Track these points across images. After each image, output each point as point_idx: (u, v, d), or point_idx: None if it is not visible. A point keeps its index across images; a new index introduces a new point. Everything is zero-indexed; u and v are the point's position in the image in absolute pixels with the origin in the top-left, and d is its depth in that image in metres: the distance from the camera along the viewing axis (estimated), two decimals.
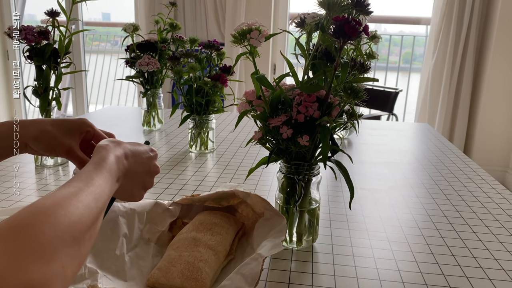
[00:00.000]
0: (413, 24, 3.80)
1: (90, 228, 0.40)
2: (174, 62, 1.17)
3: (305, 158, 0.66)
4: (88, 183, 0.44)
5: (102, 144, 0.56)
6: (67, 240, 0.35)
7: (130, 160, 0.57)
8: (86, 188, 0.43)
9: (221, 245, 0.63)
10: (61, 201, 0.38)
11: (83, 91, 3.89)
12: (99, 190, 0.45)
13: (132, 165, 0.57)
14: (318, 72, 0.61)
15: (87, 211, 0.40)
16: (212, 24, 3.28)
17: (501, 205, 0.91)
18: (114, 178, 0.52)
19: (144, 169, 0.60)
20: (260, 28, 0.62)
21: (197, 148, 1.23)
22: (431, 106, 3.15)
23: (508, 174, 3.06)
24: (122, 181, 0.55)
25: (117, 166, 0.53)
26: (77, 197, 0.40)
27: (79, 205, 0.39)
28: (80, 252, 0.37)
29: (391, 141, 1.45)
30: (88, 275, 0.55)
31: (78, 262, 0.37)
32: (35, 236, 0.32)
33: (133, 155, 0.58)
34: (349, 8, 0.57)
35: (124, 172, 0.55)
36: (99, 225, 0.44)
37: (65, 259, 0.34)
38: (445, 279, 0.63)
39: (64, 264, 0.34)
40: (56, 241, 0.34)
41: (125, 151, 0.57)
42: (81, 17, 3.68)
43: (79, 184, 0.43)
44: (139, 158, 0.59)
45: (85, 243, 0.39)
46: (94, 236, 0.42)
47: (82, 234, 0.38)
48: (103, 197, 0.45)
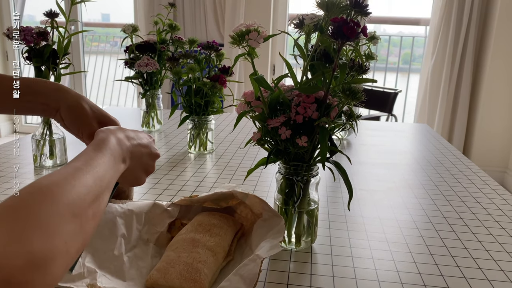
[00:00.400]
0: (412, 25, 3.80)
1: (91, 206, 0.40)
2: (173, 63, 1.17)
3: (303, 159, 0.66)
4: (86, 163, 0.44)
5: (102, 128, 0.56)
6: (66, 217, 0.36)
7: (132, 141, 0.57)
8: (84, 167, 0.43)
9: (220, 246, 0.63)
10: (58, 180, 0.38)
11: (82, 92, 3.89)
12: (99, 169, 0.45)
13: (135, 146, 0.57)
14: (317, 73, 0.61)
15: (85, 189, 0.40)
16: (212, 25, 3.29)
17: (500, 206, 0.91)
18: (118, 158, 0.52)
19: (146, 151, 0.60)
20: (258, 29, 0.62)
21: (196, 149, 1.23)
22: (430, 107, 3.15)
23: (507, 174, 3.06)
24: (129, 163, 0.55)
25: (120, 147, 0.53)
26: (74, 176, 0.40)
27: (77, 184, 0.39)
28: (82, 229, 0.38)
29: (390, 142, 1.45)
30: (87, 274, 0.55)
31: (81, 239, 0.37)
32: (34, 213, 0.33)
33: (135, 137, 0.58)
34: (348, 9, 0.57)
35: (128, 153, 0.55)
36: (104, 205, 0.44)
37: (67, 235, 0.35)
38: (443, 279, 0.63)
39: (66, 240, 0.34)
40: (55, 218, 0.34)
41: (126, 134, 0.58)
42: (80, 18, 3.68)
43: (76, 164, 0.43)
44: (140, 140, 0.59)
45: (88, 221, 0.39)
46: (99, 216, 0.42)
47: (82, 210, 0.38)
48: (104, 176, 0.45)
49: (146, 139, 0.61)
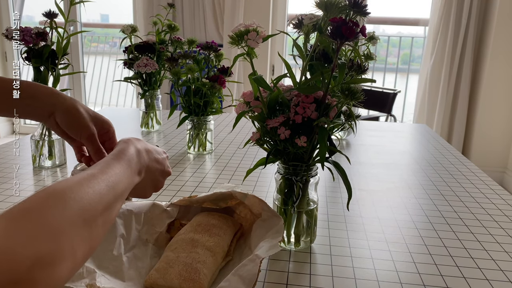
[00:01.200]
0: (411, 25, 3.80)
1: (102, 214, 0.41)
2: (172, 63, 1.17)
3: (303, 159, 0.66)
4: (103, 171, 0.45)
5: (124, 139, 0.57)
6: (76, 222, 0.36)
7: (150, 156, 0.58)
8: (100, 175, 0.44)
9: (219, 246, 0.63)
10: (72, 186, 0.39)
11: (81, 92, 3.89)
12: (114, 178, 0.45)
13: (152, 161, 0.58)
14: (316, 73, 0.61)
15: (98, 197, 0.41)
16: (211, 25, 3.28)
17: (499, 206, 0.92)
18: (134, 169, 0.53)
19: (160, 168, 0.61)
20: (257, 29, 0.62)
21: (195, 149, 1.23)
22: (429, 107, 3.15)
23: (506, 175, 3.06)
24: (144, 176, 0.55)
25: (138, 159, 0.54)
26: (88, 183, 0.41)
27: (90, 191, 0.40)
28: (91, 235, 0.38)
29: (389, 142, 1.45)
30: (86, 274, 0.55)
31: (89, 245, 0.38)
32: (45, 217, 0.34)
33: (153, 152, 0.59)
34: (347, 9, 0.57)
35: (145, 167, 0.56)
36: (115, 214, 0.45)
37: (75, 240, 0.36)
38: (443, 280, 0.63)
39: (74, 245, 0.35)
40: (65, 223, 0.35)
41: (146, 147, 0.58)
42: (79, 18, 3.68)
43: (93, 171, 0.44)
44: (157, 156, 0.60)
45: (97, 228, 0.40)
46: (109, 223, 0.43)
47: (93, 218, 0.39)
48: (118, 185, 0.46)
49: (161, 155, 0.62)
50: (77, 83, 3.86)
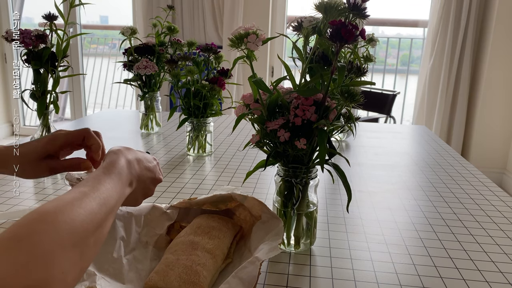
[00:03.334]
0: (411, 26, 3.81)
1: (93, 234, 0.40)
2: (172, 65, 1.17)
3: (302, 161, 0.66)
4: (94, 188, 0.45)
5: (114, 149, 0.56)
6: (67, 247, 0.36)
7: (141, 165, 0.58)
8: (91, 193, 0.43)
9: (219, 248, 0.63)
10: (63, 207, 0.39)
11: (81, 94, 3.89)
12: (105, 194, 0.45)
13: (143, 170, 0.58)
14: (315, 76, 0.62)
15: (90, 217, 0.40)
16: (210, 27, 3.29)
17: (498, 207, 0.92)
18: (125, 182, 0.52)
19: (151, 176, 0.61)
20: (257, 32, 0.62)
21: (195, 151, 1.23)
22: (428, 109, 3.16)
23: (505, 176, 3.06)
24: (135, 185, 0.56)
25: (129, 170, 0.54)
26: (80, 203, 0.41)
27: (81, 211, 0.40)
28: (82, 257, 0.38)
29: (388, 143, 1.45)
30: (86, 277, 0.55)
31: (80, 267, 0.38)
32: (35, 245, 0.34)
33: (143, 160, 0.59)
34: (346, 12, 0.58)
35: (136, 177, 0.56)
36: (107, 230, 0.44)
37: (65, 265, 0.35)
38: (442, 281, 0.63)
39: (64, 270, 0.35)
40: (56, 249, 0.35)
41: (137, 156, 0.58)
42: (79, 20, 3.68)
43: (84, 189, 0.44)
44: (148, 164, 0.60)
45: (88, 249, 0.40)
46: (100, 242, 0.43)
47: (83, 240, 0.39)
48: (109, 201, 0.46)
49: (152, 163, 0.62)
50: (76, 85, 3.86)
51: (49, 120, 1.06)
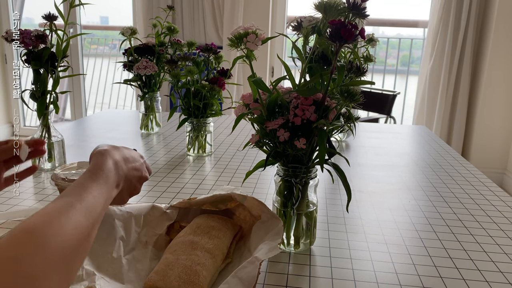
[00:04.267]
0: (411, 27, 3.81)
1: (80, 246, 0.40)
2: (172, 65, 1.17)
3: (302, 161, 0.66)
4: (80, 198, 0.44)
5: (101, 150, 0.55)
6: (55, 263, 0.36)
7: (128, 165, 0.57)
8: (77, 203, 0.43)
9: (219, 248, 0.63)
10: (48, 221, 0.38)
11: (81, 94, 3.89)
12: (92, 202, 0.45)
13: (130, 170, 0.58)
14: (315, 75, 0.62)
15: (77, 231, 0.40)
16: (210, 28, 3.29)
17: (499, 207, 0.92)
18: (112, 184, 0.52)
19: (138, 175, 0.60)
20: (257, 32, 0.62)
21: (195, 151, 1.23)
22: (429, 109, 3.15)
23: (505, 176, 3.06)
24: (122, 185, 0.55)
25: (116, 171, 0.53)
26: (67, 214, 0.40)
27: (68, 226, 0.39)
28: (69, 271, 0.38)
29: (388, 143, 1.45)
30: (86, 277, 0.55)
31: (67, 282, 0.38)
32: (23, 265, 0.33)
33: (130, 159, 0.59)
34: (346, 12, 0.58)
35: (123, 177, 0.55)
36: (93, 238, 0.44)
37: (53, 283, 0.35)
38: (442, 281, 0.63)
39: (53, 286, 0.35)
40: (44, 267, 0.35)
41: (124, 155, 0.58)
42: (79, 20, 3.68)
43: (70, 200, 0.43)
44: (134, 163, 0.60)
45: (75, 263, 0.40)
46: (86, 252, 0.42)
47: (72, 253, 0.38)
48: (96, 208, 0.45)
49: (139, 162, 0.61)
50: (76, 85, 3.86)
51: (49, 120, 1.05)
